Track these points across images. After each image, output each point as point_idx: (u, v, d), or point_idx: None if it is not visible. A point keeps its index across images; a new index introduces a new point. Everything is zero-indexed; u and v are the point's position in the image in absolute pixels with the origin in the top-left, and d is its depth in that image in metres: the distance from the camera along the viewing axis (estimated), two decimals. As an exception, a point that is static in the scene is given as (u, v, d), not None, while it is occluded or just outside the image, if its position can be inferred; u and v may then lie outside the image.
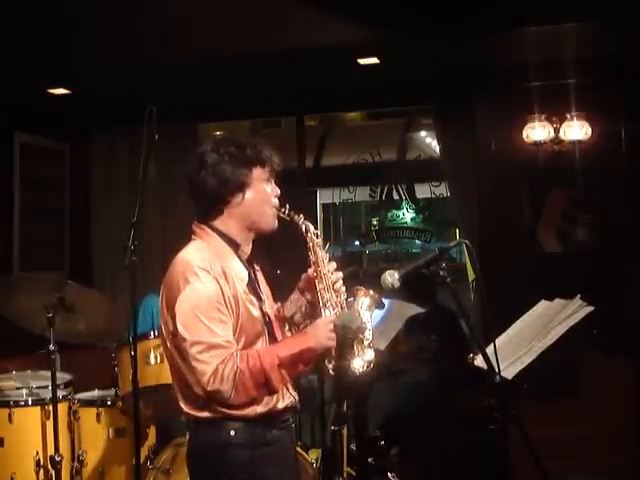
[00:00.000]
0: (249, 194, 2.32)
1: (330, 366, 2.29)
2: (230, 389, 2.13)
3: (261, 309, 2.34)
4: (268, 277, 2.55)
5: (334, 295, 2.36)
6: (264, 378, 2.17)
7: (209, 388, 2.13)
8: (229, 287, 2.22)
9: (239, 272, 2.29)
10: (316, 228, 2.45)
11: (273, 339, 2.38)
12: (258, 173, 2.34)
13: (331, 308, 2.34)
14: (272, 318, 2.43)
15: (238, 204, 2.32)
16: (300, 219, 2.41)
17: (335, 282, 2.38)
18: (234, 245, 2.33)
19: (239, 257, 2.34)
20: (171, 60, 4.91)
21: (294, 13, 4.31)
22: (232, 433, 2.21)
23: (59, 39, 4.53)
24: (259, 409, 2.24)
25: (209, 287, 2.18)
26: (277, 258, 2.92)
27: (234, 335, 2.22)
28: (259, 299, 2.36)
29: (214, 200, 2.32)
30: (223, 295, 2.20)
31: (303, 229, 2.41)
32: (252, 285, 2.35)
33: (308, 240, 2.41)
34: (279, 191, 2.41)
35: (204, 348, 2.14)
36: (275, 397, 2.28)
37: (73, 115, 6.11)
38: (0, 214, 5.77)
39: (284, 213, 2.39)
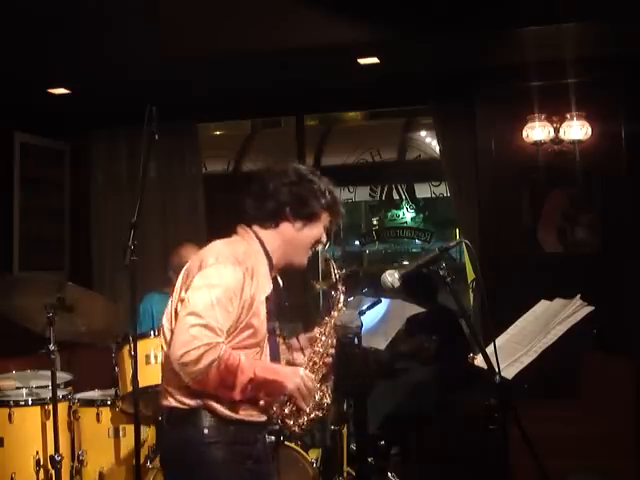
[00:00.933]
0: (309, 228, 2.36)
1: (291, 422, 2.33)
2: (199, 371, 2.11)
3: (271, 329, 2.34)
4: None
5: (321, 366, 2.40)
6: (232, 381, 2.15)
7: (182, 360, 2.10)
8: (252, 286, 2.22)
9: (265, 283, 2.30)
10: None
11: (275, 361, 2.38)
12: (325, 218, 2.40)
13: (313, 374, 2.37)
14: (278, 341, 2.43)
15: (296, 229, 2.35)
16: (342, 287, 2.46)
17: (328, 356, 2.41)
18: (270, 260, 2.35)
19: (270, 273, 2.35)
20: (171, 60, 4.91)
21: (294, 13, 4.31)
22: (205, 431, 2.21)
23: (59, 39, 4.53)
24: (239, 415, 2.23)
25: (233, 275, 2.19)
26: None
27: (234, 331, 2.21)
28: (272, 317, 2.35)
29: (278, 212, 2.34)
30: (242, 290, 2.19)
31: (338, 296, 2.46)
32: (271, 302, 2.34)
33: (334, 308, 2.45)
34: (327, 241, 2.47)
35: (199, 324, 2.12)
36: (253, 410, 2.27)
37: (73, 115, 6.12)
38: (0, 214, 5.77)
39: (335, 270, 2.46)
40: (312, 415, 2.35)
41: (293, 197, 2.32)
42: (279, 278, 2.46)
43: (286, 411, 2.31)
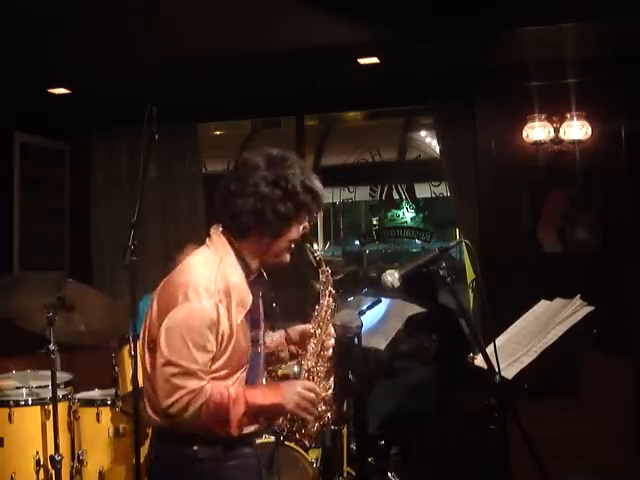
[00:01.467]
0: (284, 236, 2.20)
1: (304, 440, 2.27)
2: (188, 417, 2.05)
3: (254, 338, 2.23)
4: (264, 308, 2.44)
5: (320, 363, 2.31)
6: (225, 419, 2.08)
7: (169, 411, 2.04)
8: (228, 315, 2.10)
9: (244, 299, 2.16)
10: (314, 229, 2.43)
11: (259, 369, 2.30)
12: (301, 218, 2.22)
13: (312, 377, 2.29)
14: (263, 348, 2.34)
15: (271, 241, 2.19)
16: (326, 269, 2.34)
17: (327, 349, 2.32)
18: (247, 269, 2.20)
19: (248, 283, 2.21)
20: (171, 60, 4.92)
21: (294, 13, 4.32)
22: (195, 448, 2.12)
23: (59, 39, 4.53)
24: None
25: (206, 310, 2.05)
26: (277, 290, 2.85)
27: (217, 362, 2.11)
28: (255, 327, 2.25)
29: (246, 228, 2.16)
30: (218, 324, 2.07)
31: (323, 279, 2.34)
32: (252, 312, 2.22)
33: (321, 294, 2.35)
34: (309, 227, 2.29)
35: (179, 372, 2.03)
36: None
37: (73, 115, 6.12)
38: (0, 214, 5.77)
39: (314, 254, 2.33)
40: (321, 421, 2.29)
41: (254, 211, 2.12)
42: (265, 275, 2.33)
43: (293, 428, 2.26)
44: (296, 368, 2.39)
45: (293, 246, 2.25)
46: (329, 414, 2.31)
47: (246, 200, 2.13)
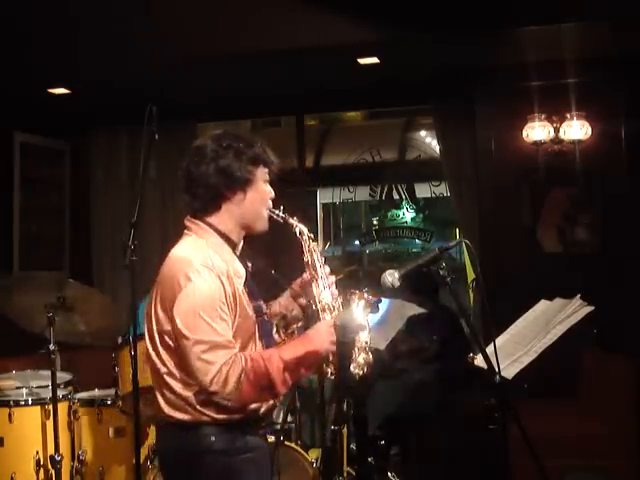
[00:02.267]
0: (250, 193, 2.28)
1: (330, 370, 2.27)
2: (232, 391, 2.09)
3: (257, 308, 2.31)
4: (261, 277, 2.54)
5: (332, 298, 2.35)
6: (268, 381, 2.12)
7: (211, 389, 2.09)
8: (230, 285, 2.18)
9: (237, 270, 2.25)
10: (314, 228, 2.45)
11: (269, 339, 2.37)
12: (261, 173, 2.30)
13: (329, 312, 2.32)
14: (267, 317, 2.42)
15: (238, 202, 2.27)
16: (294, 222, 2.40)
17: (330, 286, 2.37)
18: (231, 243, 2.29)
19: (235, 255, 2.30)
20: (171, 60, 4.92)
21: (294, 13, 4.31)
22: (212, 439, 2.17)
23: (59, 39, 4.53)
24: (242, 414, 2.20)
25: (212, 285, 2.13)
26: (270, 259, 2.90)
27: (232, 335, 2.18)
28: (255, 297, 2.34)
29: (214, 195, 2.25)
30: (225, 293, 2.15)
31: (297, 232, 2.40)
32: (248, 283, 2.31)
33: (303, 243, 2.39)
34: (273, 193, 2.37)
35: (207, 348, 2.09)
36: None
37: (73, 115, 6.12)
38: (0, 214, 5.77)
39: (278, 215, 2.37)
40: (362, 344, 2.31)
41: (219, 173, 2.22)
42: (244, 247, 2.39)
43: (336, 367, 2.26)
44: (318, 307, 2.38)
45: (267, 213, 2.33)
46: (365, 339, 2.34)
47: (208, 166, 2.22)
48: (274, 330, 2.47)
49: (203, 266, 2.14)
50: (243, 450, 2.20)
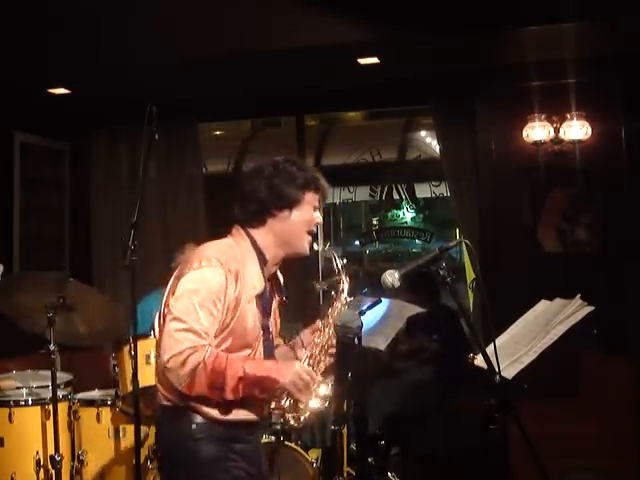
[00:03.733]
0: (296, 214, 2.36)
1: (290, 416, 2.32)
2: (185, 375, 2.14)
3: (264, 326, 2.34)
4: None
5: (323, 355, 2.39)
6: (220, 382, 2.16)
7: (167, 365, 2.15)
8: (235, 288, 2.23)
9: (254, 281, 2.30)
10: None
11: (270, 358, 2.40)
12: (310, 197, 2.38)
13: (312, 366, 2.36)
14: (274, 338, 2.44)
15: (283, 220, 2.35)
16: (346, 280, 2.44)
17: (332, 347, 2.39)
18: (262, 258, 2.35)
19: (262, 270, 2.35)
20: (171, 60, 4.92)
21: (294, 13, 4.32)
22: (194, 427, 2.23)
23: (59, 39, 4.53)
24: (229, 416, 2.25)
25: (215, 278, 2.20)
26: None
27: (221, 334, 2.23)
28: (266, 315, 2.37)
29: (261, 210, 2.34)
30: (226, 292, 2.21)
31: (342, 289, 2.44)
32: (264, 299, 2.35)
33: (338, 294, 2.44)
34: (322, 220, 2.46)
35: (182, 328, 2.16)
36: (243, 409, 2.29)
37: (73, 115, 6.12)
38: (0, 214, 5.77)
39: (338, 265, 2.44)
40: (313, 408, 2.32)
41: (269, 190, 2.32)
42: (279, 274, 2.46)
43: (285, 405, 2.30)
44: (304, 350, 2.45)
45: (310, 238, 2.40)
46: (320, 405, 2.35)
47: (260, 183, 2.34)
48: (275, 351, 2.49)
49: (215, 259, 2.23)
50: (225, 440, 2.26)
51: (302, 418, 2.33)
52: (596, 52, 4.92)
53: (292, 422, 2.33)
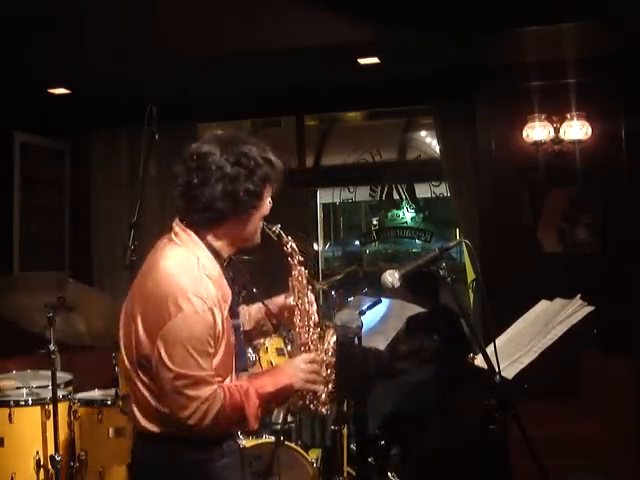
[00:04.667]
0: (255, 213, 2.16)
1: (300, 403, 2.26)
2: (209, 424, 2.03)
3: (236, 326, 2.24)
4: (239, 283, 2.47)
5: (311, 331, 2.31)
6: (242, 416, 2.08)
7: (188, 422, 2.01)
8: (221, 316, 2.07)
9: (224, 293, 2.12)
10: (314, 228, 2.43)
11: (240, 354, 2.29)
12: (268, 191, 2.18)
13: (307, 348, 2.30)
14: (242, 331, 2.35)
15: (240, 223, 2.15)
16: (289, 241, 2.34)
17: (311, 316, 2.32)
18: (220, 260, 2.16)
19: (223, 273, 2.16)
20: (171, 60, 4.92)
21: (294, 13, 4.31)
22: (187, 450, 2.09)
23: (59, 39, 4.53)
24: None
25: (203, 317, 2.01)
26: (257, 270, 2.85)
27: (216, 364, 2.09)
28: (235, 316, 2.26)
29: (217, 217, 2.11)
30: (215, 326, 2.04)
31: (288, 252, 2.35)
32: (232, 302, 2.20)
33: (292, 266, 2.34)
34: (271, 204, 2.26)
35: (190, 383, 2.00)
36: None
37: (73, 115, 6.12)
38: (0, 214, 5.77)
39: (274, 232, 2.31)
40: (329, 386, 2.30)
41: (224, 199, 2.07)
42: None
43: (307, 402, 2.27)
44: (289, 347, 2.40)
45: (261, 225, 2.23)
46: (334, 376, 2.31)
47: (215, 187, 2.06)
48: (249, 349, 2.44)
49: (196, 296, 2.00)
50: (220, 456, 2.13)
51: (327, 402, 2.28)
52: (596, 52, 4.92)
53: (322, 410, 2.28)
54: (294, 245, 2.34)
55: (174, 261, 2.07)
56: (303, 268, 2.35)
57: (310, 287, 2.36)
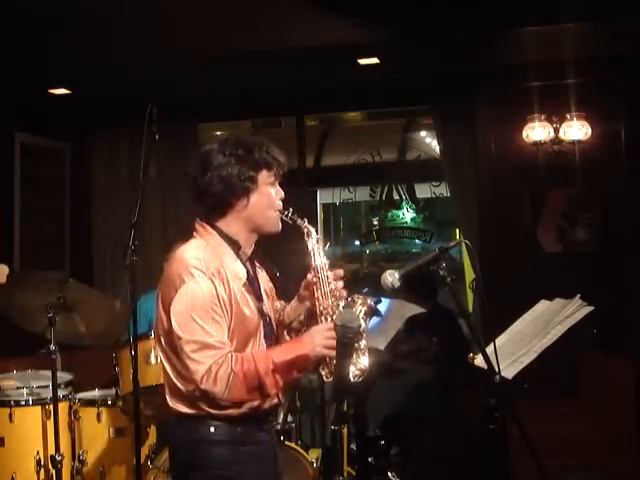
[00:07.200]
0: (254, 198, 2.31)
1: (324, 373, 2.28)
2: (223, 390, 2.15)
3: (260, 309, 2.34)
4: (271, 278, 2.56)
5: (332, 302, 2.34)
6: (258, 382, 2.17)
7: (202, 386, 2.15)
8: (224, 287, 2.22)
9: (236, 271, 2.29)
10: (316, 229, 2.45)
11: (272, 340, 2.40)
12: (264, 177, 2.33)
13: (328, 317, 2.32)
14: (272, 319, 2.44)
15: (243, 207, 2.31)
16: (303, 223, 2.40)
17: (335, 290, 2.36)
18: (235, 245, 2.33)
19: (239, 257, 2.34)
20: (171, 60, 4.92)
21: (294, 13, 4.31)
22: (212, 429, 2.24)
23: (59, 39, 4.53)
24: (243, 409, 2.24)
25: (204, 287, 2.19)
26: (279, 260, 2.90)
27: (228, 336, 2.22)
28: (258, 299, 2.37)
29: (219, 203, 2.32)
30: (217, 295, 2.20)
31: (305, 233, 2.41)
32: (251, 284, 2.35)
33: (309, 245, 2.40)
34: (283, 193, 2.40)
35: (197, 347, 2.16)
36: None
37: (73, 115, 6.12)
38: (0, 214, 5.77)
39: (287, 216, 2.38)
40: (360, 349, 2.30)
41: (221, 183, 2.28)
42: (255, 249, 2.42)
43: (332, 368, 2.27)
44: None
45: (277, 215, 2.36)
46: (362, 344, 2.32)
47: (212, 176, 2.29)
48: (282, 332, 2.50)
49: (195, 268, 2.20)
50: (243, 442, 2.26)
51: (355, 364, 2.29)
52: (596, 52, 4.92)
53: (355, 377, 2.29)
54: (309, 226, 2.41)
55: (186, 247, 2.31)
56: (317, 243, 2.40)
57: (328, 261, 2.41)
